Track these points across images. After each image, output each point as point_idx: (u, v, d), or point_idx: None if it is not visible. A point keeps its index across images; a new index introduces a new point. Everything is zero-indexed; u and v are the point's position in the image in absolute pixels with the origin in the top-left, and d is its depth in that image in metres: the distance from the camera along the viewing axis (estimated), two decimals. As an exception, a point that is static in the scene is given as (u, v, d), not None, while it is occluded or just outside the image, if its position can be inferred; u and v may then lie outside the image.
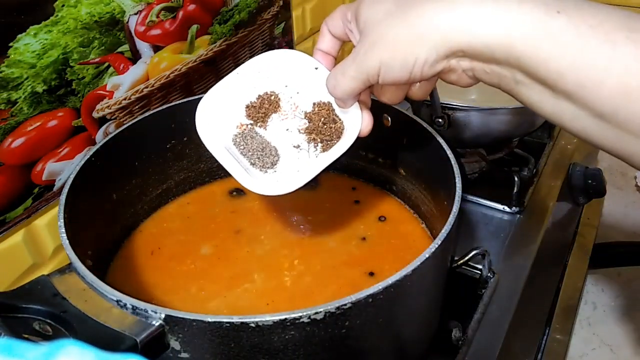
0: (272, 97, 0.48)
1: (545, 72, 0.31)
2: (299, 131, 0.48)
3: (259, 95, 0.48)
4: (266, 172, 0.47)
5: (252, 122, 0.49)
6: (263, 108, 0.48)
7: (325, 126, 0.46)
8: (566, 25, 0.30)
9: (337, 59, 0.45)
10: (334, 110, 0.46)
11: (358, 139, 0.44)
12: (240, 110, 0.49)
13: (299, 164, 0.46)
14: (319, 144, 0.46)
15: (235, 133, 0.48)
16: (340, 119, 0.46)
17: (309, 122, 0.47)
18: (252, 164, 0.47)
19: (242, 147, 0.47)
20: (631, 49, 0.29)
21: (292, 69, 0.47)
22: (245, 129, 0.48)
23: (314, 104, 0.47)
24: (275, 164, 0.47)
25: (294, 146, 0.47)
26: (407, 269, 0.37)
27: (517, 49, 0.31)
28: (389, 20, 0.35)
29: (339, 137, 0.45)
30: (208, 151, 0.47)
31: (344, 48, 0.44)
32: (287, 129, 0.48)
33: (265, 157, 0.47)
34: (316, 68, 0.46)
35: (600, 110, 0.31)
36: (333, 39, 0.44)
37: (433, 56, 0.34)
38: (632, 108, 0.29)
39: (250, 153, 0.47)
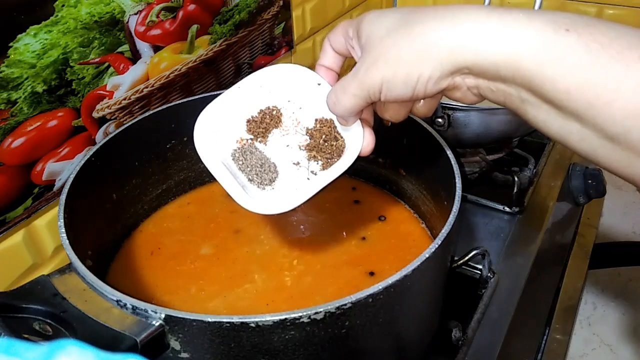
0: (274, 112, 0.47)
1: (553, 91, 0.30)
2: (300, 148, 0.47)
3: (261, 110, 0.48)
4: (264, 189, 0.46)
5: (252, 137, 0.48)
6: (264, 123, 0.47)
7: (326, 144, 0.45)
8: (575, 43, 0.29)
9: (340, 75, 0.44)
10: (335, 127, 0.45)
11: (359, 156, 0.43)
12: (241, 124, 0.48)
13: (297, 182, 0.46)
14: (319, 162, 0.46)
15: (235, 148, 0.47)
16: (341, 137, 0.45)
17: (310, 139, 0.46)
18: (250, 180, 0.46)
19: (240, 163, 0.46)
20: None
21: (294, 84, 0.46)
22: (245, 144, 0.47)
23: (316, 120, 0.46)
24: (274, 181, 0.46)
25: (294, 163, 0.47)
26: (407, 269, 0.37)
27: (524, 66, 0.30)
28: (392, 36, 0.34)
29: (339, 156, 0.45)
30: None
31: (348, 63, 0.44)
32: (288, 145, 0.47)
33: (263, 173, 0.46)
34: (319, 84, 0.45)
35: (609, 132, 0.29)
36: (335, 55, 0.43)
37: (437, 73, 0.33)
38: None
39: (248, 169, 0.46)
